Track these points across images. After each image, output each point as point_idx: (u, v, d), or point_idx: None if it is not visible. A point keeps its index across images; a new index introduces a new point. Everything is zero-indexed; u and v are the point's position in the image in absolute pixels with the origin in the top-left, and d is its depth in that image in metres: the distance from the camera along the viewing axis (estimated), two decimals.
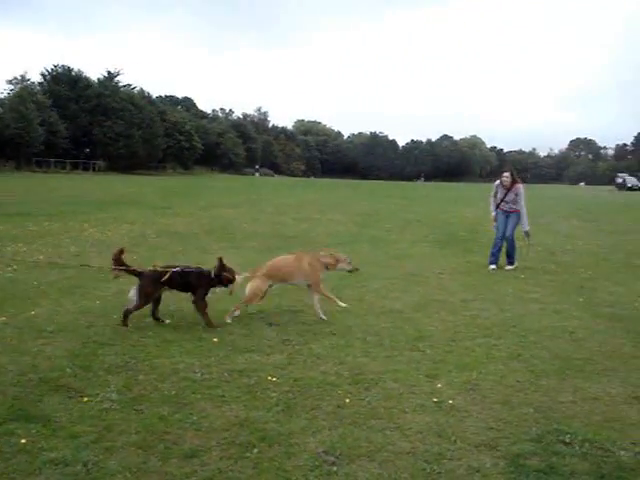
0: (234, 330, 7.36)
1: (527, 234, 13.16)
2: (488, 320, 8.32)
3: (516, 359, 6.64)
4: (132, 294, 7.43)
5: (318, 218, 23.02)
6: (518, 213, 13.10)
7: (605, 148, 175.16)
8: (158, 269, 7.58)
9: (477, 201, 37.46)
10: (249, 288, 8.07)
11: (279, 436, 4.52)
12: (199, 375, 5.77)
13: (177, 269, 7.57)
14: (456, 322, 8.18)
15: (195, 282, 7.58)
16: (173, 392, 5.33)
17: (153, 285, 7.45)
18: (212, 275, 7.65)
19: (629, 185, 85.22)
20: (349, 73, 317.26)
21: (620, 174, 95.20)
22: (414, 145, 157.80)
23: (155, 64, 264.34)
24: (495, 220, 13.41)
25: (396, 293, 9.83)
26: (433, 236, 18.70)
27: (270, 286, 8.22)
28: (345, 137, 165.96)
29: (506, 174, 13.24)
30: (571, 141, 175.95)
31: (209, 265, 7.91)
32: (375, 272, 11.70)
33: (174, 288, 7.63)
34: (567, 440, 4.60)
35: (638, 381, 6.03)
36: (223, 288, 7.80)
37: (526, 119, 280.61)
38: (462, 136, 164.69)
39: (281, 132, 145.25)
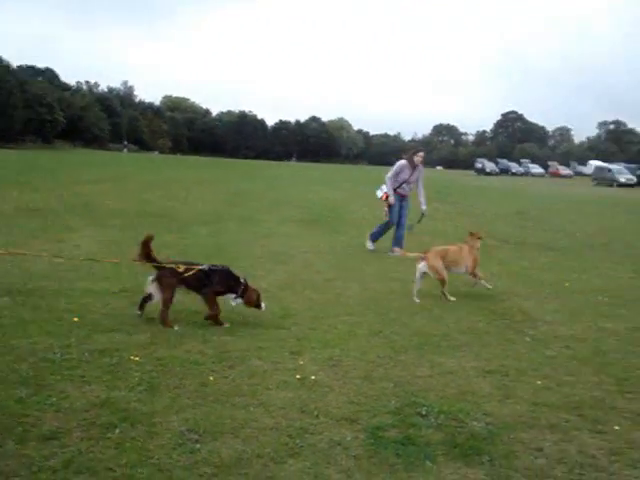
0: (95, 309, 7.15)
1: (424, 214, 13.01)
2: (351, 298, 8.53)
3: (377, 335, 6.86)
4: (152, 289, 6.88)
5: (185, 196, 22.68)
6: (407, 197, 12.95)
7: (466, 134, 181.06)
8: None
9: (342, 182, 38.12)
10: (437, 270, 8.81)
11: (141, 416, 4.47)
12: (58, 356, 5.59)
13: (204, 267, 6.94)
14: (320, 300, 8.33)
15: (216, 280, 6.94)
16: (31, 373, 5.14)
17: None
18: (243, 281, 7.04)
19: (487, 170, 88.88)
20: (219, 49, 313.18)
21: (479, 159, 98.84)
22: (283, 125, 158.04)
23: (14, 32, 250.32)
24: (392, 204, 12.75)
25: (262, 272, 9.85)
26: (300, 216, 18.84)
27: None
28: (214, 115, 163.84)
29: (422, 153, 12.86)
30: (434, 126, 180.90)
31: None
32: (242, 251, 11.71)
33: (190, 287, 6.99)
34: (424, 412, 4.80)
35: (490, 356, 6.36)
36: (237, 301, 7.10)
37: (392, 104, 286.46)
38: (330, 118, 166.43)
39: (148, 108, 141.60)
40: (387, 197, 12.77)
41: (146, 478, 3.69)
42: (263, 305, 7.13)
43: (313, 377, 5.45)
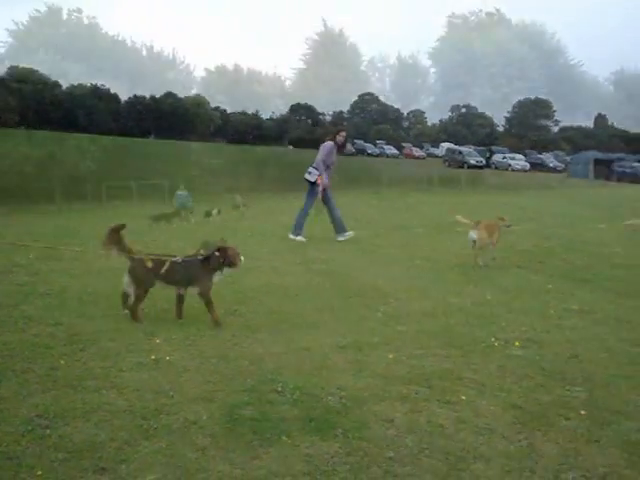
0: None
1: None
2: None
3: (233, 314, 6.88)
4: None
5: (29, 172, 21.73)
6: None
7: (323, 114, 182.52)
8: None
9: (204, 161, 37.74)
10: (480, 238, 10.07)
11: None
12: None
13: (177, 259, 6.40)
14: None
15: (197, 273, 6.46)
16: None
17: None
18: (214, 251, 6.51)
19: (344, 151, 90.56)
20: (66, 20, 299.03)
21: None
22: (137, 100, 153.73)
23: None
24: (329, 186, 12.47)
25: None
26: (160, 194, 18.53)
27: None
28: (64, 87, 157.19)
29: (344, 132, 12.52)
30: (292, 105, 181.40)
31: None
32: (100, 233, 11.35)
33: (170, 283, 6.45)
34: (279, 389, 4.85)
35: (345, 331, 6.49)
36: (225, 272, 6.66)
37: (250, 81, 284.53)
38: (187, 94, 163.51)
39: None
40: (321, 180, 12.28)
41: None
42: (242, 258, 6.80)
43: (168, 357, 5.40)
